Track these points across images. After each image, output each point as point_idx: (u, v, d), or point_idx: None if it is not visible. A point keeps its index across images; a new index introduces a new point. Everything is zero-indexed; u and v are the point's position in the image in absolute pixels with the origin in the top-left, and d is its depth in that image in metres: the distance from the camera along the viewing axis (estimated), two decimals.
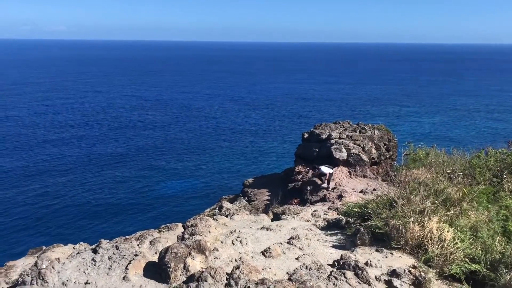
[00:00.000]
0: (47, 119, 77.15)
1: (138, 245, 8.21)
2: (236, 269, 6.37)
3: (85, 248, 8.00)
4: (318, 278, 6.27)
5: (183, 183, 46.40)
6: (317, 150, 29.86)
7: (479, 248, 7.00)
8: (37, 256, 7.79)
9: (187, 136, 68.16)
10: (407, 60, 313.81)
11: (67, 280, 6.53)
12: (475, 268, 6.60)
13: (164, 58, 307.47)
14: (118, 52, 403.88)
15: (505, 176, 10.50)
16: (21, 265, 7.59)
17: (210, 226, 9.18)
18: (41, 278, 6.44)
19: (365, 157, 28.85)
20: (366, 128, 32.05)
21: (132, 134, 68.03)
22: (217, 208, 17.21)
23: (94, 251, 7.57)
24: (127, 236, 9.02)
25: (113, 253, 7.43)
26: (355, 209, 9.97)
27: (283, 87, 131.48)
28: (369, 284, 6.14)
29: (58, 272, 6.66)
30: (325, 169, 24.54)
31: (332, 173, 24.36)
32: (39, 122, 74.69)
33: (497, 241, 6.99)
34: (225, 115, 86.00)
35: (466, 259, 6.80)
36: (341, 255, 7.32)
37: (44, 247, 8.52)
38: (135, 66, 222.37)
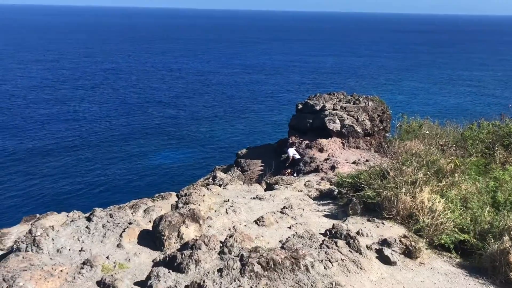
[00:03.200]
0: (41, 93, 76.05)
1: (132, 213, 8.25)
2: (229, 237, 6.44)
3: (79, 216, 8.04)
4: (310, 247, 6.37)
5: (176, 154, 46.43)
6: (310, 121, 29.86)
7: (469, 218, 7.13)
8: (31, 224, 7.82)
9: (180, 105, 67.69)
10: (415, 31, 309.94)
11: (61, 247, 6.58)
12: (464, 238, 6.74)
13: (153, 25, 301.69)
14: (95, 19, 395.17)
15: (496, 148, 10.59)
16: (16, 232, 7.63)
17: (204, 195, 9.24)
18: (35, 245, 6.48)
19: (358, 128, 28.94)
20: (361, 99, 32.01)
21: (125, 103, 67.39)
22: (210, 178, 17.30)
23: (88, 219, 7.60)
24: (121, 205, 9.05)
25: (107, 221, 7.48)
26: (347, 180, 10.05)
27: (280, 58, 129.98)
28: (360, 253, 6.25)
29: (53, 240, 6.70)
30: (290, 152, 23.61)
31: (298, 158, 23.35)
32: (35, 94, 73.65)
33: (486, 211, 7.12)
34: (220, 85, 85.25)
35: (456, 229, 6.93)
36: (333, 225, 7.42)
37: (38, 215, 8.54)
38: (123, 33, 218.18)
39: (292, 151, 23.18)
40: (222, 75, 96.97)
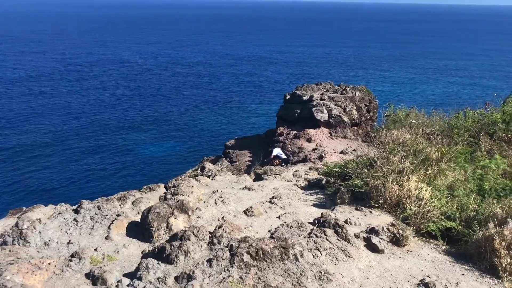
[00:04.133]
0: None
1: (120, 205, 8.20)
2: (218, 227, 6.44)
3: (66, 209, 7.96)
4: (299, 236, 6.40)
5: (164, 145, 46.18)
6: (298, 111, 29.93)
7: (455, 206, 7.22)
8: (17, 217, 7.72)
9: (168, 97, 67.17)
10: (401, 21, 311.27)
11: (49, 240, 6.52)
12: (450, 225, 6.83)
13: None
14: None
15: (482, 136, 10.72)
16: (1, 225, 7.52)
17: (192, 186, 9.21)
18: (22, 238, 6.41)
19: (346, 118, 29.09)
20: (348, 89, 32.15)
21: (112, 95, 66.69)
22: (199, 169, 17.27)
23: (76, 211, 7.54)
24: (108, 197, 8.99)
25: (95, 213, 7.43)
26: (335, 169, 10.10)
27: (269, 50, 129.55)
28: (349, 241, 6.30)
29: (40, 232, 6.63)
30: (274, 151, 23.15)
31: (284, 159, 23.02)
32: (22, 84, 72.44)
33: (472, 199, 7.21)
34: (208, 76, 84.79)
35: (442, 217, 7.02)
36: (321, 214, 7.46)
37: (24, 208, 8.43)
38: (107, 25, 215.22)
39: (276, 151, 22.92)
40: (210, 66, 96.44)
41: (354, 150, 22.76)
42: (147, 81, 78.19)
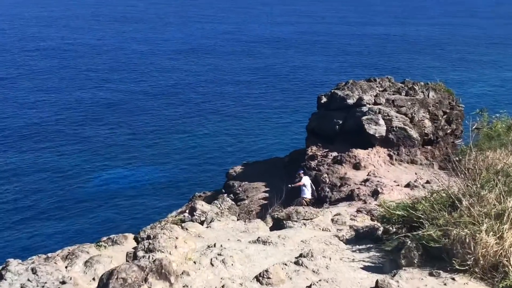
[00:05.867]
0: None
1: (66, 267, 8.21)
2: None
3: None
4: None
5: (135, 174, 46.33)
6: (340, 122, 29.90)
7: None
8: None
9: (146, 102, 67.16)
10: None
11: None
12: None
13: None
14: None
15: None
16: None
17: (176, 238, 9.19)
18: None
19: (414, 133, 28.96)
20: (416, 88, 32.04)
21: (65, 97, 67.41)
22: (187, 211, 17.25)
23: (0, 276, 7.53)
24: (49, 254, 9.01)
25: (28, 280, 7.42)
26: (398, 212, 10.01)
27: (288, 29, 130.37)
28: None
29: None
30: (305, 179, 23.56)
31: (306, 185, 23.32)
32: None
33: None
34: (204, 71, 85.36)
35: None
36: (377, 282, 7.37)
37: None
38: None
39: (306, 180, 23.19)
40: (204, 53, 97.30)
41: (427, 182, 22.55)
42: (113, 81, 78.96)
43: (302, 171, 25.01)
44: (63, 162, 47.35)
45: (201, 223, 12.44)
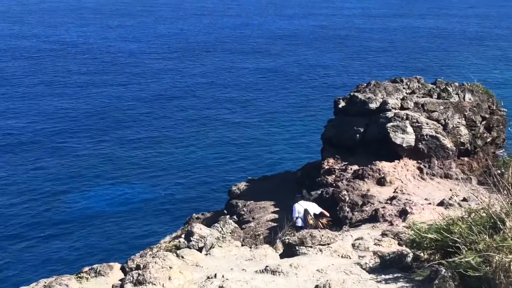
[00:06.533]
0: None
1: None
2: None
3: None
4: None
5: (124, 191, 46.38)
6: (361, 130, 29.90)
7: None
8: None
9: (136, 109, 67.45)
10: None
11: None
12: None
13: None
14: None
15: None
16: None
17: (170, 268, 9.25)
18: None
19: (447, 142, 28.94)
20: (450, 89, 32.05)
21: (48, 103, 67.73)
22: (183, 235, 17.29)
23: None
24: (25, 287, 9.10)
25: None
26: (430, 235, 10.02)
27: (301, 22, 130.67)
28: None
29: None
30: (298, 206, 21.80)
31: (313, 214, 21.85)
32: None
33: None
34: (203, 66, 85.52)
35: None
36: None
37: None
38: None
39: (302, 206, 21.38)
40: (203, 51, 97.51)
41: (464, 199, 22.50)
42: (100, 84, 79.33)
43: (300, 195, 23.55)
44: (40, 179, 47.45)
45: (199, 249, 12.46)
